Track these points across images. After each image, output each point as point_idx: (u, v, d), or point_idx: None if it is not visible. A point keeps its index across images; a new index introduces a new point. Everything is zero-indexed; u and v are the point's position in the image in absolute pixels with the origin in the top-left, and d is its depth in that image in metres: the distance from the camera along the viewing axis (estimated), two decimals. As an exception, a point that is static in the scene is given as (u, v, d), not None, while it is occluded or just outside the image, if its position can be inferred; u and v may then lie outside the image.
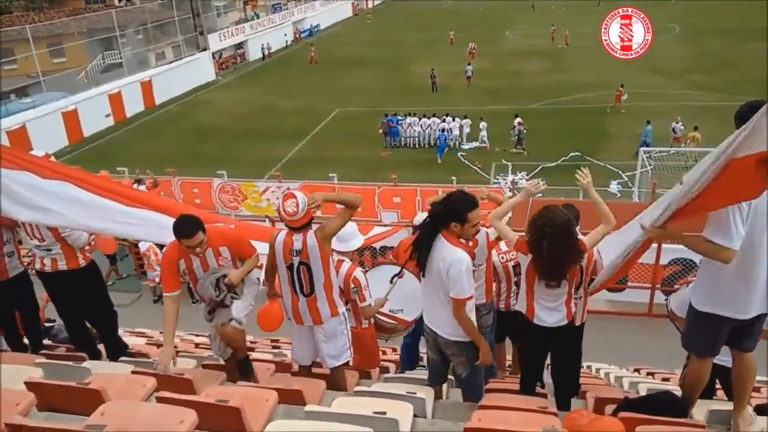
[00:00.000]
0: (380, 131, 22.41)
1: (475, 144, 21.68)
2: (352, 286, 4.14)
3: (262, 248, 4.53)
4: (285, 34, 47.25)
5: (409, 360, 5.12)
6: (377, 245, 9.66)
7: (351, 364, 4.33)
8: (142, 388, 3.21)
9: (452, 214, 3.38)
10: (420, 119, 22.28)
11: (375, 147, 21.70)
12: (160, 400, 2.80)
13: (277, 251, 3.75)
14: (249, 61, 41.82)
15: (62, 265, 4.47)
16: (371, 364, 4.75)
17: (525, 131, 20.75)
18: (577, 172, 3.78)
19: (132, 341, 6.45)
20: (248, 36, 42.26)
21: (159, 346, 5.43)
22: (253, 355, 5.31)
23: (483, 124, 21.38)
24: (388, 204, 13.85)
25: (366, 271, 4.33)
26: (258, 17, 46.60)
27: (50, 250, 4.44)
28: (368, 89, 30.79)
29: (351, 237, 4.36)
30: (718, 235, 2.70)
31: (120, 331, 6.19)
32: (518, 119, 20.93)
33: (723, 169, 2.47)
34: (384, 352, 5.78)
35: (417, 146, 22.22)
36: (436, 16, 57.23)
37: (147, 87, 30.81)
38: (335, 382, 3.97)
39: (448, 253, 3.35)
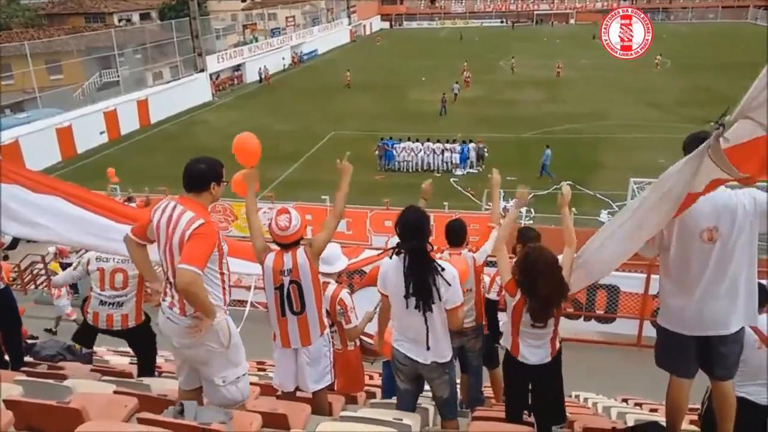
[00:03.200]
0: (375, 154, 22.57)
1: (468, 170, 21.95)
2: (338, 307, 4.12)
3: (247, 268, 4.50)
4: (283, 58, 47.80)
5: (392, 389, 5.08)
6: (367, 268, 9.63)
7: (335, 387, 4.28)
8: (123, 409, 3.14)
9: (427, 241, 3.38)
10: (413, 143, 22.50)
11: (369, 170, 21.80)
12: (141, 421, 2.75)
13: (266, 274, 3.69)
14: (246, 83, 42.16)
15: None
16: (356, 387, 4.70)
17: (486, 150, 22.25)
18: (560, 194, 3.77)
19: (116, 360, 6.36)
20: (246, 59, 42.71)
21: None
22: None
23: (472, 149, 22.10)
24: (380, 228, 13.88)
25: (351, 293, 4.32)
26: (257, 41, 47.16)
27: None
28: (364, 114, 31.09)
29: (335, 259, 4.35)
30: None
31: (103, 349, 6.10)
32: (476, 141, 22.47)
33: (678, 203, 2.59)
34: (370, 377, 5.72)
35: (411, 170, 22.38)
36: (433, 43, 58.18)
37: (143, 106, 30.95)
38: (319, 406, 3.91)
39: (444, 267, 3.36)
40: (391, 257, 3.45)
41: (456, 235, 4.47)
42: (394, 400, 4.55)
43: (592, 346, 9.03)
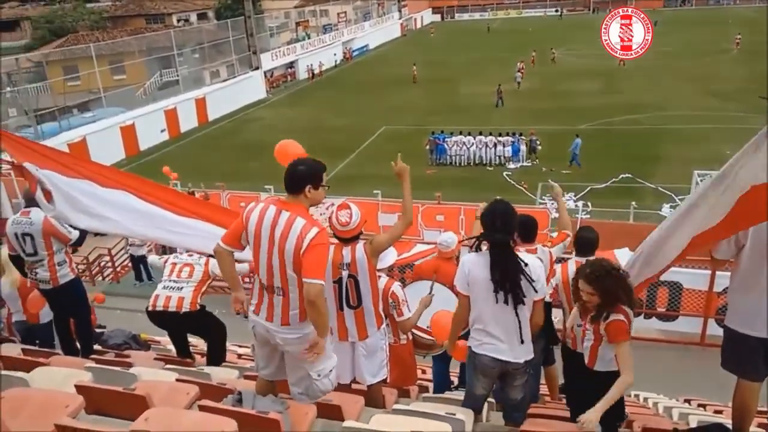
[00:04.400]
0: (426, 148, 22.47)
1: (521, 163, 21.56)
2: (390, 300, 4.13)
3: None
4: (335, 54, 48.16)
5: (443, 384, 5.06)
6: (419, 262, 9.62)
7: (388, 381, 4.30)
8: (185, 396, 3.26)
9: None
10: (465, 137, 22.27)
11: (420, 164, 21.71)
12: (202, 408, 2.85)
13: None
14: (299, 79, 42.75)
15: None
16: (409, 381, 4.71)
17: (539, 143, 21.77)
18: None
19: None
20: (299, 56, 43.29)
21: (203, 354, 5.54)
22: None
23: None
24: (431, 222, 13.81)
25: (404, 286, 4.32)
26: (309, 37, 47.72)
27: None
28: (415, 108, 30.97)
29: (386, 254, 4.34)
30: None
31: (165, 338, 6.34)
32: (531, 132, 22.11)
33: (745, 195, 2.44)
34: (423, 371, 5.72)
35: (463, 164, 22.16)
36: (483, 36, 57.29)
37: (201, 104, 31.89)
38: (373, 398, 3.94)
39: (529, 259, 3.31)
40: (473, 250, 3.35)
41: (530, 230, 4.44)
42: (446, 395, 4.55)
43: (653, 345, 8.71)
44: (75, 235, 4.77)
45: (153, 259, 6.21)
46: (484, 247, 3.35)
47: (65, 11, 53.33)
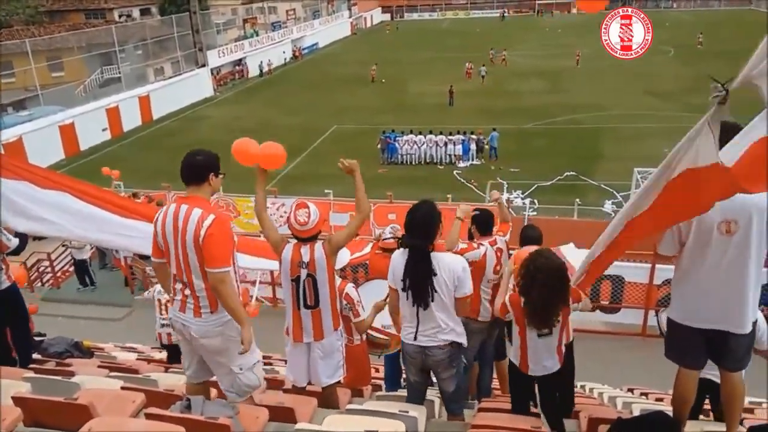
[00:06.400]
0: (378, 147, 22.55)
1: (471, 162, 21.96)
2: (344, 302, 4.13)
3: (251, 263, 4.51)
4: (284, 52, 47.65)
5: (393, 377, 5.10)
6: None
7: (343, 381, 4.29)
8: (131, 404, 3.18)
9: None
10: (416, 136, 22.48)
11: (372, 164, 21.76)
12: (149, 416, 2.78)
13: (283, 266, 3.71)
14: (248, 77, 42.10)
15: None
16: (363, 381, 4.72)
17: (485, 143, 22.29)
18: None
19: (123, 356, 6.40)
20: (247, 53, 42.61)
21: (149, 361, 5.39)
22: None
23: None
24: (384, 221, 13.84)
25: (356, 287, 4.32)
26: (257, 35, 47.03)
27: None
28: (366, 107, 30.99)
29: (339, 254, 4.34)
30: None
31: (110, 345, 6.15)
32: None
33: (676, 180, 2.53)
34: (376, 369, 5.74)
35: (414, 163, 22.35)
36: (434, 35, 57.89)
37: (145, 102, 30.93)
38: (327, 399, 3.93)
39: (449, 260, 3.44)
40: (398, 248, 3.52)
41: (486, 224, 4.65)
42: (400, 392, 4.59)
43: (598, 336, 9.03)
44: (14, 243, 4.54)
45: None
46: None
47: (-3, 4, 50.69)
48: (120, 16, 47.61)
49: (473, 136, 22.36)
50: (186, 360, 3.45)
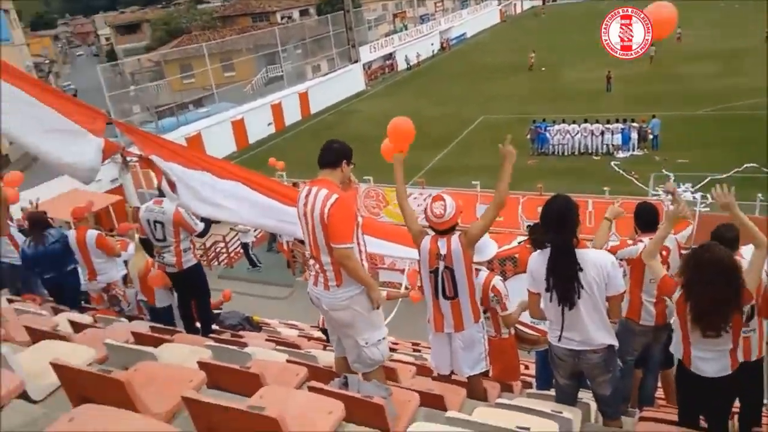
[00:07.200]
0: (528, 137, 21.84)
1: (631, 152, 20.40)
2: (492, 294, 4.07)
3: (400, 252, 4.67)
4: (432, 44, 47.93)
5: (545, 376, 4.92)
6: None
7: (490, 374, 4.24)
8: (295, 377, 3.40)
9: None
10: (569, 125, 21.39)
11: (521, 155, 21.02)
12: (311, 389, 2.96)
13: (422, 257, 3.77)
14: (397, 71, 43.02)
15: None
16: (511, 376, 4.62)
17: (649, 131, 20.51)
18: (714, 190, 3.38)
19: (286, 332, 6.94)
20: (397, 47, 43.53)
21: (309, 338, 5.77)
22: (394, 356, 5.42)
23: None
24: (532, 214, 13.38)
25: (504, 280, 4.24)
26: (406, 29, 47.82)
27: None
28: (515, 96, 30.17)
29: (485, 246, 4.24)
30: None
31: (275, 321, 6.69)
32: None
33: None
34: (526, 366, 5.59)
35: (566, 154, 21.32)
36: (587, 18, 54.42)
37: (304, 98, 33.05)
38: (474, 390, 3.91)
39: (595, 255, 3.24)
40: (533, 250, 3.42)
41: (649, 219, 4.29)
42: (551, 392, 4.42)
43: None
44: (201, 227, 5.15)
45: None
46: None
47: (180, 13, 57.24)
48: (282, 18, 51.27)
49: (634, 124, 20.72)
50: (332, 334, 3.73)
